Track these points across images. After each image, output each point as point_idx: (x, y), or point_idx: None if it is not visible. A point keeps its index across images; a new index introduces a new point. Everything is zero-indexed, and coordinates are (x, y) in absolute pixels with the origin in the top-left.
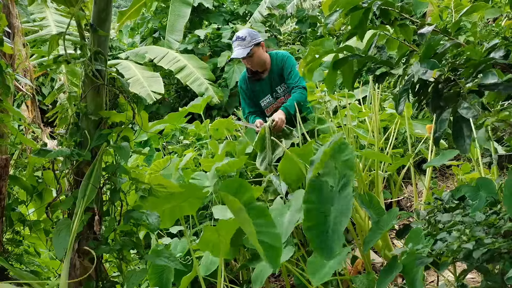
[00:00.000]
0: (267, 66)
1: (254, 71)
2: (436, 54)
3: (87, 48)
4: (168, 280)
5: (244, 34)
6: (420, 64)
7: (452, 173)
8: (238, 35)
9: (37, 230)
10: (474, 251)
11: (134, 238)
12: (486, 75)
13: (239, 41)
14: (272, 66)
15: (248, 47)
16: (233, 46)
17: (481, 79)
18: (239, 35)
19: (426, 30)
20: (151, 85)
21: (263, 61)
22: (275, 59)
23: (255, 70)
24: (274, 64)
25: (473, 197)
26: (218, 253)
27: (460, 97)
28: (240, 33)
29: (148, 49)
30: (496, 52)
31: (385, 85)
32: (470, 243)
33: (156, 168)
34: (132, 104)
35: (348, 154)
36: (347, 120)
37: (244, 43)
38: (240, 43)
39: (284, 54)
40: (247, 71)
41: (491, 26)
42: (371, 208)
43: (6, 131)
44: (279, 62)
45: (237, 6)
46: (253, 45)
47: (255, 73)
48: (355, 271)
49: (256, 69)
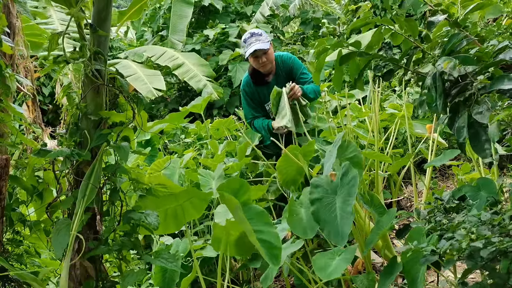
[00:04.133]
0: (273, 69)
1: (258, 75)
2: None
3: (87, 48)
4: (171, 280)
5: (260, 31)
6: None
7: (452, 173)
8: (253, 31)
9: (37, 230)
10: (482, 250)
11: (133, 239)
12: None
13: (256, 37)
14: (278, 68)
15: (266, 42)
16: (248, 42)
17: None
18: (255, 32)
19: (437, 19)
20: (152, 82)
21: (273, 60)
22: (281, 61)
23: (265, 70)
24: (279, 66)
25: (473, 197)
26: (228, 251)
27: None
28: (255, 30)
29: (146, 49)
30: (506, 54)
31: (385, 85)
32: (479, 242)
33: (156, 168)
34: (132, 104)
35: (353, 151)
36: (347, 120)
37: (262, 38)
38: (258, 38)
39: (288, 55)
40: (251, 76)
41: (491, 26)
42: (372, 207)
43: (6, 131)
44: (286, 64)
45: (244, 6)
46: (270, 41)
47: (260, 77)
48: (355, 271)
49: (268, 68)
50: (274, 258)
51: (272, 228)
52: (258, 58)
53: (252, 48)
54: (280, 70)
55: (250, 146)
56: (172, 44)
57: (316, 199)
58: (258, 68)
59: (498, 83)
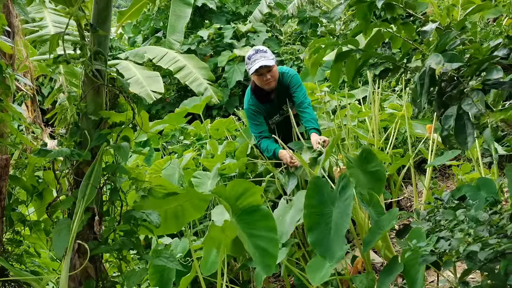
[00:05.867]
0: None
1: (261, 92)
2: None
3: (87, 48)
4: (169, 280)
5: (264, 48)
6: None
7: (452, 173)
8: (258, 48)
9: (37, 230)
10: (479, 252)
11: (134, 238)
12: (491, 71)
13: (261, 53)
14: (279, 85)
15: (271, 59)
16: (252, 59)
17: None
18: (260, 48)
19: (430, 28)
20: (151, 85)
21: (277, 78)
22: (281, 77)
23: (269, 88)
24: (281, 82)
25: (473, 197)
26: (224, 250)
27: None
28: (260, 47)
29: (147, 49)
30: (499, 51)
31: (385, 85)
32: (475, 245)
33: (156, 168)
34: (132, 104)
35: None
36: (347, 120)
37: (267, 55)
38: (263, 54)
39: (291, 72)
40: (253, 93)
41: (491, 26)
42: (371, 207)
43: (6, 131)
44: (285, 80)
45: (239, 6)
46: (274, 59)
47: (263, 95)
48: (355, 271)
49: (272, 86)
50: (267, 267)
51: (273, 234)
52: (262, 76)
53: (258, 64)
54: (281, 86)
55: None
56: (170, 44)
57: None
58: (262, 85)
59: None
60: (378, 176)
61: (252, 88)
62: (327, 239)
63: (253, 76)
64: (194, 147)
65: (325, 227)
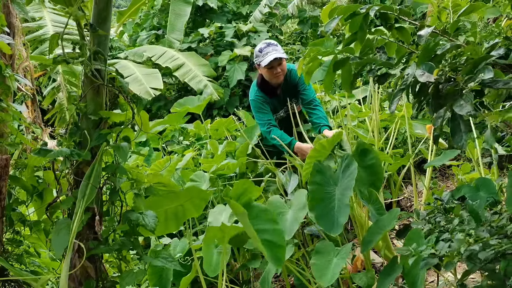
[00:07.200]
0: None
1: (267, 87)
2: (436, 55)
3: (87, 48)
4: (167, 280)
5: (275, 42)
6: (418, 66)
7: (452, 173)
8: (270, 42)
9: (37, 230)
10: (480, 253)
11: (133, 239)
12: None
13: (273, 46)
14: (286, 81)
15: (283, 52)
16: (264, 51)
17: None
18: (271, 42)
19: (425, 32)
20: (150, 82)
21: (285, 73)
22: (289, 74)
23: (277, 82)
24: (288, 79)
25: (473, 197)
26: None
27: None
28: (271, 40)
29: (147, 48)
30: (496, 51)
31: (385, 85)
32: (476, 245)
33: (156, 168)
34: (131, 104)
35: (372, 158)
36: (347, 120)
37: (278, 48)
38: (274, 48)
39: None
40: (259, 87)
41: (491, 26)
42: (371, 204)
43: (6, 131)
44: (293, 77)
45: (240, 6)
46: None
47: (269, 89)
48: (355, 269)
49: (280, 80)
50: (277, 259)
51: (276, 225)
52: (273, 69)
53: (272, 56)
54: (288, 83)
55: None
56: (170, 43)
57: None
58: (270, 79)
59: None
60: (376, 169)
61: (258, 82)
62: (331, 214)
63: (263, 69)
64: (194, 147)
65: (328, 203)
